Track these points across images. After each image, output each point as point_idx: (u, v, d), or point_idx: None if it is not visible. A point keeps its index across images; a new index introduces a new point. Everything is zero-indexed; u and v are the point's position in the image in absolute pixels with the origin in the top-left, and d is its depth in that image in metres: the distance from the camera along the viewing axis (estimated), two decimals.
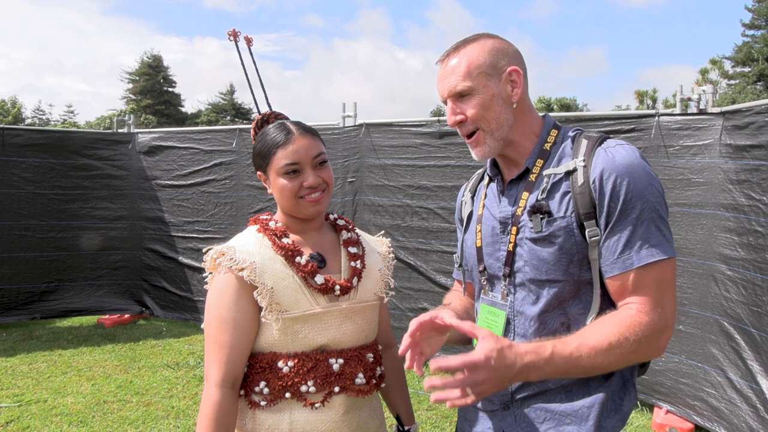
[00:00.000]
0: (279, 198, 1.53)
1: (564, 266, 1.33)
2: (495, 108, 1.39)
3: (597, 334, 1.24)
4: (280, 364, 1.45)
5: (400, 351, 1.31)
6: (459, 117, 1.41)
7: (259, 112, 1.64)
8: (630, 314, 1.26)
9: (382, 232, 1.89)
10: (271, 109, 1.65)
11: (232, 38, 1.69)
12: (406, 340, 1.29)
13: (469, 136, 1.43)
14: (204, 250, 1.52)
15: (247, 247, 1.49)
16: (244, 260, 1.45)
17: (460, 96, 1.40)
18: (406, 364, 1.32)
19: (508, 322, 1.42)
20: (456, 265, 1.65)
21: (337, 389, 1.47)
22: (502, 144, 1.42)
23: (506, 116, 1.40)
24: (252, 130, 1.63)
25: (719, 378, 3.67)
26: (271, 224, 1.55)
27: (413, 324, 1.30)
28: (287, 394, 1.44)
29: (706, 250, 3.80)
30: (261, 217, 1.59)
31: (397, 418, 1.72)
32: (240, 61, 1.70)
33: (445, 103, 1.45)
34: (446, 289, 4.95)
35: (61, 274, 6.47)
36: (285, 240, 1.51)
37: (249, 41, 1.73)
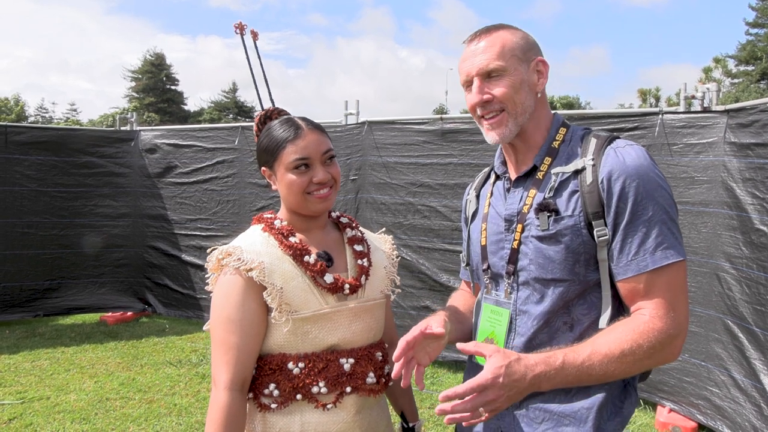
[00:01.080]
0: (286, 194, 1.50)
1: (570, 266, 1.32)
2: (522, 92, 1.38)
3: (609, 342, 1.23)
4: (290, 365, 1.43)
5: (393, 374, 1.30)
6: (486, 96, 1.39)
7: (262, 107, 1.62)
8: (644, 320, 1.24)
9: (383, 229, 1.87)
10: (274, 105, 1.63)
11: (238, 31, 1.67)
12: (396, 362, 1.28)
13: (491, 117, 1.40)
14: (209, 251, 1.49)
15: (254, 246, 1.46)
16: (252, 260, 1.42)
17: (488, 75, 1.38)
18: (402, 383, 1.31)
19: (511, 321, 1.41)
20: (463, 265, 1.63)
21: (348, 389, 1.45)
22: (518, 130, 1.41)
23: (529, 103, 1.40)
24: (255, 126, 1.60)
25: (723, 377, 3.66)
26: (276, 223, 1.53)
27: (401, 344, 1.28)
28: (298, 396, 1.42)
29: (709, 249, 3.78)
30: (265, 215, 1.57)
31: (402, 415, 1.71)
32: (245, 55, 1.69)
33: (467, 84, 1.42)
34: (448, 287, 4.94)
35: (63, 272, 6.47)
36: (292, 239, 1.49)
37: (255, 35, 1.71)
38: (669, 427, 3.87)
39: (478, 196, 1.60)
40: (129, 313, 6.69)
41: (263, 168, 1.56)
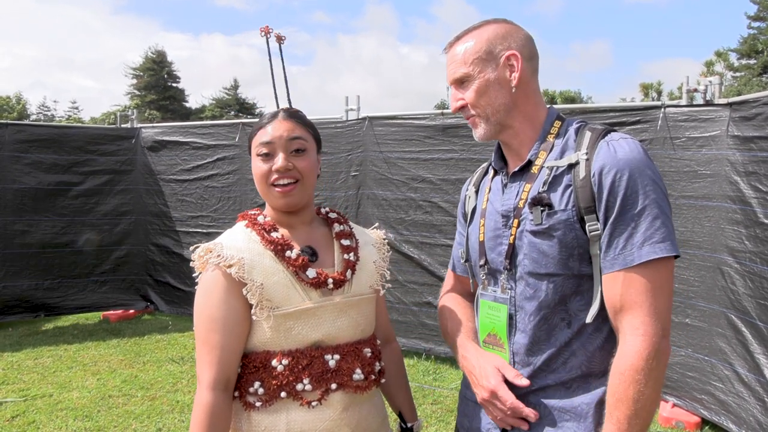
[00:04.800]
0: (256, 183, 1.49)
1: (564, 260, 1.32)
2: (491, 93, 1.40)
3: (619, 410, 1.24)
4: (274, 362, 1.40)
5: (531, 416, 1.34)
6: (459, 102, 1.45)
7: (278, 107, 1.61)
8: (628, 359, 1.23)
9: (376, 224, 1.85)
10: (290, 105, 1.61)
11: (264, 34, 1.68)
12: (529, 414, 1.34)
13: (468, 120, 1.47)
14: (191, 249, 1.47)
15: (235, 242, 1.44)
16: (231, 256, 1.40)
17: (460, 82, 1.44)
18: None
19: (510, 317, 1.41)
20: (462, 261, 1.62)
21: (334, 386, 1.42)
22: (499, 127, 1.43)
23: (503, 100, 1.40)
24: None
25: (726, 371, 3.64)
26: (260, 219, 1.50)
27: (527, 411, 1.34)
28: (283, 394, 1.39)
29: (713, 243, 3.77)
30: (249, 212, 1.54)
31: (400, 415, 1.68)
32: (269, 58, 1.68)
33: None
34: None
35: (65, 270, 6.47)
36: (274, 234, 1.46)
37: (280, 39, 1.71)
38: (672, 422, 3.86)
39: (477, 192, 1.59)
40: (131, 311, 6.70)
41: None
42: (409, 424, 1.66)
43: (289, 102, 1.64)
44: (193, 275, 1.48)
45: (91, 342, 5.74)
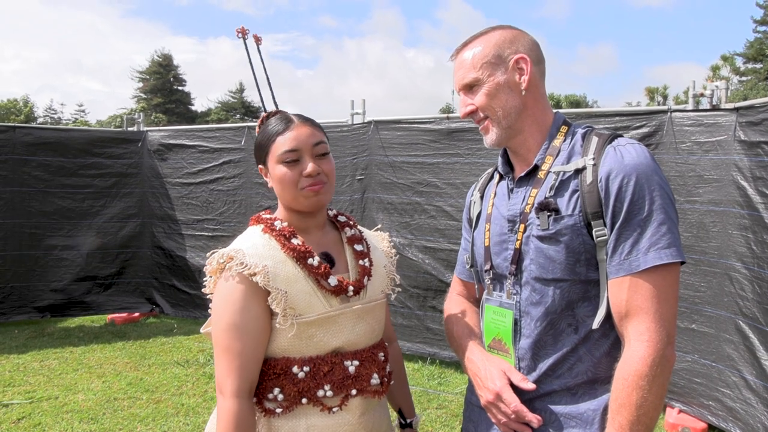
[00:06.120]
0: (278, 189, 1.47)
1: (571, 265, 1.31)
2: (501, 96, 1.40)
3: (621, 413, 1.24)
4: (295, 369, 1.40)
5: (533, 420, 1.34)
6: (469, 108, 1.44)
7: (265, 110, 1.61)
8: (633, 364, 1.24)
9: (379, 226, 1.85)
10: (277, 108, 1.61)
11: (240, 36, 1.68)
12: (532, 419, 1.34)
13: (480, 126, 1.46)
14: (208, 254, 1.45)
15: (255, 249, 1.42)
16: (255, 264, 1.38)
17: (469, 87, 1.43)
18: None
19: (515, 322, 1.41)
20: (467, 266, 1.62)
21: (354, 392, 1.43)
22: (510, 132, 1.43)
23: (513, 103, 1.40)
24: (257, 128, 1.58)
25: (734, 378, 3.62)
26: (277, 224, 1.48)
27: (530, 416, 1.34)
28: (304, 400, 1.40)
29: (720, 248, 3.75)
30: (263, 216, 1.53)
31: (399, 412, 1.71)
32: (248, 60, 1.69)
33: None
34: None
35: (71, 273, 6.49)
36: (294, 241, 1.45)
37: (258, 40, 1.71)
38: (678, 428, 3.84)
39: (482, 197, 1.59)
40: (136, 314, 6.71)
41: (260, 166, 1.53)
42: (408, 420, 1.70)
43: (275, 103, 1.65)
44: (203, 280, 1.46)
45: (97, 344, 5.75)
